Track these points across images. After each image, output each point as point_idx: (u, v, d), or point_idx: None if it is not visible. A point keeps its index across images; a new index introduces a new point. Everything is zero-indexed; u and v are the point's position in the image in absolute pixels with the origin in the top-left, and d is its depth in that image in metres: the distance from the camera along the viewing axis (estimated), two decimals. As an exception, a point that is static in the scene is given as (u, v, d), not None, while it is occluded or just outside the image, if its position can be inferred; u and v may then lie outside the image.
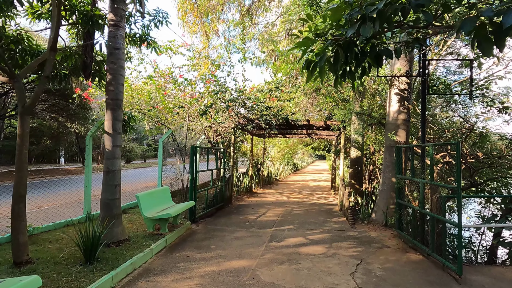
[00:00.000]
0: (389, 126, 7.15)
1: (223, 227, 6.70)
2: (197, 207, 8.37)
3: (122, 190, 5.10)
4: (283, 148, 24.30)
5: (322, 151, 30.64)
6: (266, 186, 15.61)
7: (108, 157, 4.63)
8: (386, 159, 7.12)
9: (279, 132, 12.85)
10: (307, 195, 12.84)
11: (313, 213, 8.69)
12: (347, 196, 8.07)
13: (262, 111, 9.56)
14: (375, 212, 7.20)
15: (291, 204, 10.30)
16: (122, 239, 4.67)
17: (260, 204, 10.16)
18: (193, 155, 6.84)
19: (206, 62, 8.81)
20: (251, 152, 13.67)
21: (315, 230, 6.56)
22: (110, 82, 4.66)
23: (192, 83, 8.92)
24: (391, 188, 6.91)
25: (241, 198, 11.25)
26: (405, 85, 6.98)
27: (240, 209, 9.15)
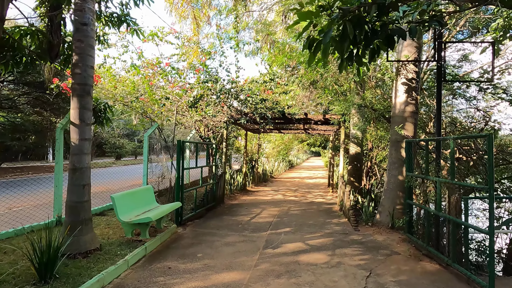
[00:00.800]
0: (395, 119, 6.53)
1: (213, 230, 6.04)
2: (185, 207, 7.70)
3: (108, 188, 4.41)
4: (278, 145, 23.67)
5: (317, 147, 30.11)
6: (261, 184, 14.98)
7: (75, 152, 3.92)
8: (392, 155, 6.52)
9: (274, 127, 12.20)
10: (304, 193, 12.24)
11: (311, 213, 8.07)
12: (348, 195, 7.46)
13: (256, 103, 8.88)
14: (379, 213, 6.60)
15: (287, 203, 9.68)
16: (92, 249, 3.98)
17: (255, 203, 9.52)
18: (180, 151, 6.15)
19: (195, 50, 8.09)
20: (245, 148, 13.01)
21: (315, 233, 5.94)
22: (76, 64, 3.94)
23: (181, 72, 8.19)
24: (398, 187, 6.31)
25: (234, 197, 10.59)
26: (413, 73, 6.36)
27: (233, 209, 8.49)
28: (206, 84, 7.85)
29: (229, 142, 13.40)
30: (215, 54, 9.11)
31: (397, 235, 5.73)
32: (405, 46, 6.44)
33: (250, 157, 16.04)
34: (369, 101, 7.35)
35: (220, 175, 9.07)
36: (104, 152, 26.68)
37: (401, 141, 6.37)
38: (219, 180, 8.84)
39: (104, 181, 12.26)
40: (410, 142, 5.22)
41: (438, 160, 4.54)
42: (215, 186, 8.35)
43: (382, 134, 9.34)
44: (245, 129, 12.55)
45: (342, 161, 8.95)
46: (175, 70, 7.75)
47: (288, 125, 12.10)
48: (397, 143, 6.43)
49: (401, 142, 6.37)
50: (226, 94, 8.58)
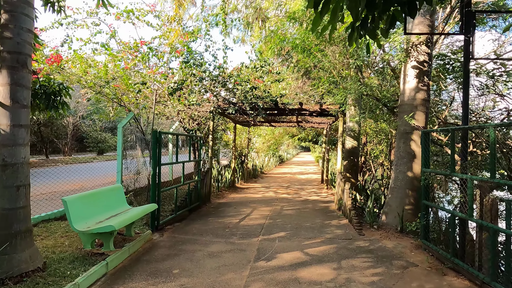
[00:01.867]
0: (404, 107, 5.76)
1: (195, 236, 5.15)
2: (165, 209, 6.77)
3: (82, 186, 3.47)
4: (268, 139, 22.85)
5: (308, 142, 29.46)
6: (251, 180, 14.14)
7: (5, 142, 2.94)
8: (400, 149, 5.75)
9: (265, 119, 11.33)
10: (297, 190, 11.46)
11: (307, 213, 7.27)
12: (349, 194, 6.69)
13: (246, 92, 7.97)
14: (385, 214, 5.85)
15: (279, 201, 8.86)
16: (31, 270, 3.03)
17: (244, 202, 8.66)
18: (156, 143, 5.20)
19: (176, 29, 7.09)
20: (234, 142, 12.11)
21: (314, 239, 5.12)
22: (5, 25, 2.94)
23: (160, 55, 7.18)
24: (407, 184, 5.56)
25: (222, 195, 9.71)
26: (425, 56, 5.59)
27: (220, 209, 7.62)
28: (189, 67, 6.87)
29: (216, 136, 12.47)
30: (200, 37, 8.14)
31: (409, 240, 4.97)
32: (416, 25, 5.64)
33: (239, 152, 15.15)
34: (371, 89, 6.55)
35: (206, 171, 8.16)
36: (85, 147, 25.25)
37: (411, 133, 5.61)
38: (204, 176, 7.94)
39: (81, 178, 11.17)
40: (427, 132, 4.44)
41: (464, 154, 3.77)
42: (200, 184, 7.44)
43: (383, 126, 8.60)
44: (234, 122, 11.64)
45: (340, 156, 8.17)
46: (152, 51, 6.74)
47: (281, 118, 11.24)
48: (406, 134, 5.67)
49: (411, 133, 5.61)
50: (212, 81, 7.64)
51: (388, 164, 10.79)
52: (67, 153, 22.08)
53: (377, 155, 11.27)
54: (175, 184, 6.50)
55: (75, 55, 7.14)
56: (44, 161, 18.24)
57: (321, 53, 7.28)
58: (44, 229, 4.74)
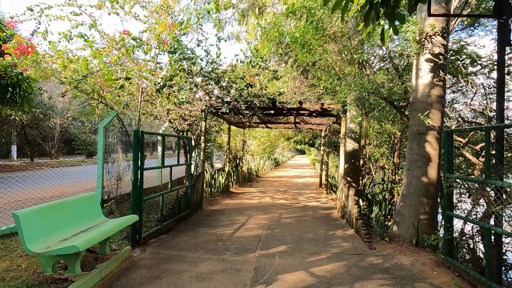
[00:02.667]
0: (417, 105, 5.18)
1: (182, 252, 4.47)
2: (150, 218, 6.08)
3: (63, 192, 2.78)
4: (263, 142, 22.24)
5: (304, 145, 28.90)
6: (246, 184, 13.47)
7: None
8: (413, 151, 5.16)
9: (261, 120, 10.71)
10: (294, 195, 10.83)
11: (308, 222, 6.64)
12: (354, 201, 6.07)
13: (241, 90, 7.33)
14: (396, 224, 5.24)
15: (277, 208, 8.22)
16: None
17: (239, 208, 8.00)
18: (138, 145, 4.52)
19: (164, 18, 6.43)
20: (228, 145, 11.45)
21: (319, 254, 4.48)
22: None
23: (146, 48, 6.50)
24: (422, 191, 4.96)
25: (215, 201, 9.03)
26: (440, 47, 5.02)
27: (212, 217, 6.94)
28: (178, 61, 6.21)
29: (209, 138, 11.81)
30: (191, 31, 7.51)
31: (427, 255, 4.36)
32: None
33: (234, 155, 14.49)
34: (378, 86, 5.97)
35: (197, 176, 7.48)
36: (73, 150, 24.31)
37: (425, 133, 5.02)
38: (195, 181, 7.26)
39: (64, 182, 10.38)
40: (451, 132, 3.84)
41: (501, 156, 3.17)
42: (191, 190, 6.76)
43: (388, 127, 8.04)
44: (228, 123, 10.99)
45: (342, 159, 7.57)
46: (137, 41, 6.05)
47: (278, 118, 10.63)
48: (420, 135, 5.08)
49: (425, 134, 5.02)
50: (205, 78, 6.98)
51: (390, 167, 10.25)
52: (53, 156, 21.14)
53: (377, 158, 10.74)
54: (164, 190, 5.81)
55: (53, 48, 6.45)
56: (28, 165, 17.32)
57: (323, 48, 6.70)
58: (2, 247, 4.02)
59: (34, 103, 16.80)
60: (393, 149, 10.08)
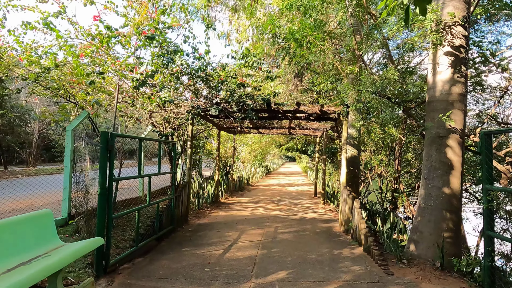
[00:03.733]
0: (435, 105, 4.52)
1: (160, 282, 3.61)
2: (126, 236, 5.19)
3: (31, 204, 1.94)
4: (254, 148, 21.49)
5: (296, 152, 28.26)
6: (237, 194, 12.62)
7: None
8: (432, 158, 4.47)
9: (253, 125, 9.95)
10: (289, 205, 10.05)
11: (308, 238, 5.86)
12: (361, 215, 5.33)
13: (233, 90, 6.57)
14: (414, 242, 4.51)
15: (272, 221, 7.41)
16: None
17: (230, 222, 7.16)
18: (106, 150, 3.68)
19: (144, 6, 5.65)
20: (218, 151, 10.63)
21: (329, 283, 3.69)
22: None
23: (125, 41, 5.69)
24: (444, 204, 4.26)
25: (203, 213, 8.16)
26: (461, 39, 4.40)
27: (200, 233, 6.08)
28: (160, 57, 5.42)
29: (198, 144, 10.98)
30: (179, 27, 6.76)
31: (457, 283, 3.63)
32: (449, 0, 4.47)
33: (224, 162, 13.66)
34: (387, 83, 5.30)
35: (183, 186, 6.64)
36: (54, 157, 22.95)
37: (446, 137, 4.35)
38: (180, 192, 6.41)
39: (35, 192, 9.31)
40: (489, 134, 3.16)
41: None
42: (175, 202, 5.91)
43: (391, 132, 7.40)
44: (218, 128, 10.19)
45: (344, 166, 6.86)
46: (111, 31, 5.23)
47: (271, 123, 9.90)
48: (439, 139, 4.41)
49: (446, 138, 4.35)
50: (192, 75, 6.21)
51: (392, 175, 9.61)
52: (31, 164, 19.80)
53: (373, 166, 10.13)
54: (143, 204, 4.95)
55: (16, 40, 5.57)
56: (1, 173, 16.03)
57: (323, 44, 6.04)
58: None
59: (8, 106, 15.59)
60: (394, 156, 9.47)
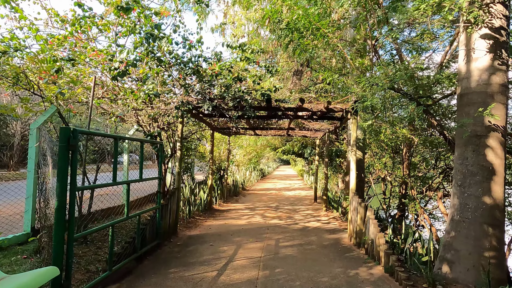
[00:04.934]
0: (471, 97, 3.80)
1: (136, 323, 2.79)
2: (100, 256, 4.33)
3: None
4: (249, 151, 20.68)
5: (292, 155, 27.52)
6: (231, 199, 11.78)
7: None
8: (467, 161, 3.75)
9: (250, 126, 9.16)
10: (289, 211, 9.27)
11: (315, 253, 5.07)
12: (378, 227, 4.57)
13: (228, 85, 5.79)
14: (448, 263, 3.75)
15: (271, 231, 6.62)
16: None
17: (224, 233, 6.34)
18: (66, 151, 2.85)
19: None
20: (212, 154, 9.81)
21: (351, 319, 2.92)
22: None
23: (104, 26, 4.87)
24: (485, 217, 3.53)
25: (194, 223, 7.32)
26: (502, 20, 3.70)
27: (190, 248, 5.26)
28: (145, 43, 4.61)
29: (190, 146, 10.14)
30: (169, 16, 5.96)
31: (513, 318, 2.90)
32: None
33: (218, 166, 12.83)
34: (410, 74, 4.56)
35: (171, 194, 5.81)
36: (38, 160, 21.77)
37: (485, 136, 3.63)
38: (168, 201, 5.57)
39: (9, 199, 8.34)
40: None
41: None
42: (161, 212, 5.07)
43: (404, 133, 6.70)
44: (211, 128, 9.37)
45: (354, 170, 6.11)
46: (83, 8, 4.41)
47: (269, 123, 9.13)
48: (477, 139, 3.68)
49: (485, 137, 3.63)
50: (181, 68, 5.42)
51: (392, 179, 8.92)
52: (12, 168, 18.64)
53: (378, 169, 9.44)
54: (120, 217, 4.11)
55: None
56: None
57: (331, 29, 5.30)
58: None
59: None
60: (402, 159, 8.78)
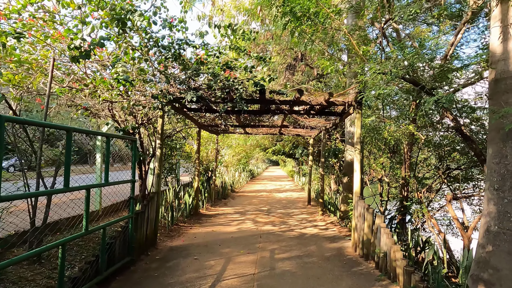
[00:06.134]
0: (510, 82, 3.15)
1: None
2: (54, 278, 3.47)
3: None
4: (238, 152, 19.88)
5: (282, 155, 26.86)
6: (220, 202, 10.96)
7: None
8: (507, 159, 3.08)
9: (240, 123, 8.39)
10: (282, 216, 8.55)
11: (317, 268, 4.35)
12: (391, 237, 3.88)
13: (216, 74, 5.00)
14: (485, 284, 3.08)
15: (265, 239, 5.87)
16: None
17: (211, 243, 5.54)
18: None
19: None
20: (198, 154, 8.99)
21: None
22: None
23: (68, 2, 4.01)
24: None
25: (177, 231, 6.49)
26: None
27: (170, 263, 4.44)
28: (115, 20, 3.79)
29: (174, 145, 9.28)
30: None
31: None
32: None
33: (205, 166, 12.00)
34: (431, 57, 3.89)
35: (149, 200, 4.98)
36: (12, 161, 20.32)
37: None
38: (145, 208, 4.74)
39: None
40: None
41: None
42: (136, 222, 4.24)
43: (410, 129, 6.06)
44: (197, 125, 8.55)
45: (358, 171, 5.43)
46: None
47: (261, 119, 8.37)
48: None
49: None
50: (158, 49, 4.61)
51: (390, 180, 8.32)
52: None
53: (374, 169, 8.83)
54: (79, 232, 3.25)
55: None
56: None
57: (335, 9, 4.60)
58: None
59: None
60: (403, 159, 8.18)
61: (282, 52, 9.65)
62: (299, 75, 10.86)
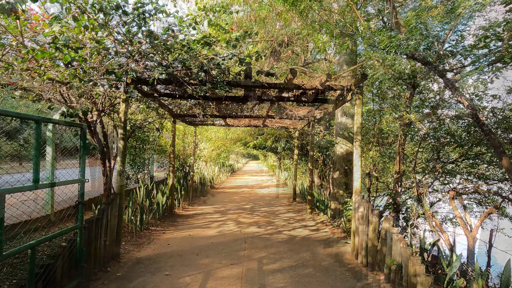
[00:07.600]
0: None
1: None
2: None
3: None
4: (218, 146, 18.89)
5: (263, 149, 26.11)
6: (198, 200, 10.03)
7: None
8: None
9: (220, 113, 7.46)
10: (267, 215, 7.78)
11: (316, 285, 3.59)
12: (409, 247, 3.19)
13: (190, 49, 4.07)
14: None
15: (250, 245, 5.06)
16: None
17: (187, 252, 4.65)
18: None
19: None
20: (173, 147, 8.00)
21: None
22: None
23: None
24: None
25: (148, 237, 5.53)
26: None
27: (133, 283, 3.52)
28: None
29: (145, 137, 8.24)
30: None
31: None
32: None
33: (182, 161, 11.00)
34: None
35: (108, 203, 4.00)
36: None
37: None
38: (103, 214, 3.77)
39: None
40: None
41: None
42: (86, 234, 3.28)
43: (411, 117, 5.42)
44: (172, 115, 7.54)
45: (358, 167, 4.71)
46: None
47: (244, 108, 7.48)
48: None
49: None
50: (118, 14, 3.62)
51: (378, 175, 7.79)
52: None
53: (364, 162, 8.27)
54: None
55: None
56: None
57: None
58: None
59: None
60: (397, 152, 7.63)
61: (267, 35, 8.79)
62: (283, 62, 10.06)
